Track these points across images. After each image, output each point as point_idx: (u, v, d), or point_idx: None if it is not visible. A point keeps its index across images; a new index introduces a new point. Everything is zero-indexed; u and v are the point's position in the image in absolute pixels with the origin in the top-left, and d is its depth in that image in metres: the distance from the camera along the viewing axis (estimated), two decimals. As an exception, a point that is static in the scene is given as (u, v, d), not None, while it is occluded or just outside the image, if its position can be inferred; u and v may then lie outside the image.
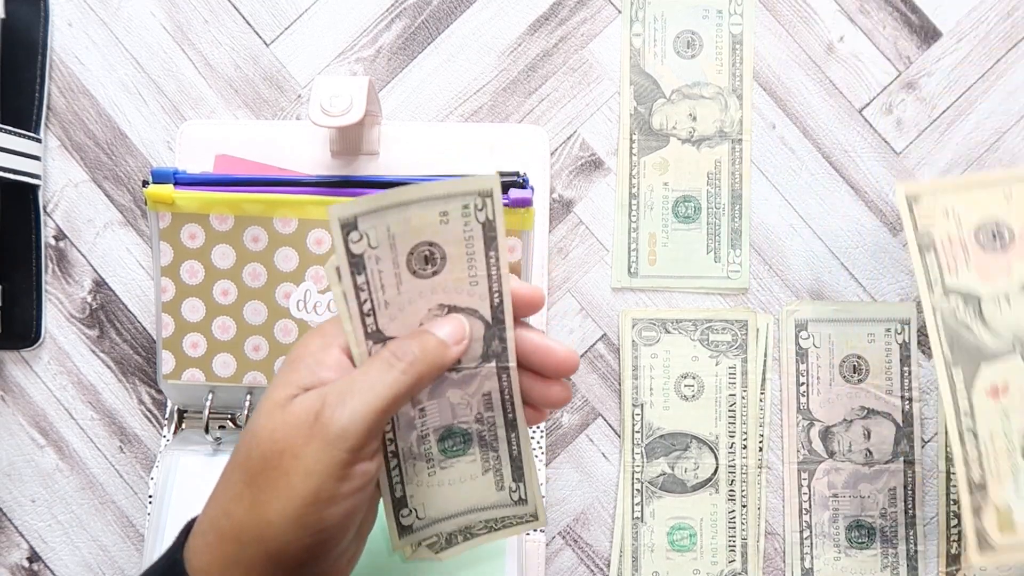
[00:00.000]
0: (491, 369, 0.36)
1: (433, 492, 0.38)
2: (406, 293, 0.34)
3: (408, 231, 0.32)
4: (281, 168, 0.53)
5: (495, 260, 0.34)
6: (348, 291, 0.33)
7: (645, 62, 0.55)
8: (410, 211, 0.32)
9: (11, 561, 0.54)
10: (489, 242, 0.33)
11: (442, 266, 0.33)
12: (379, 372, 0.32)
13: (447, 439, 0.37)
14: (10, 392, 0.55)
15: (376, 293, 0.33)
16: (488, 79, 0.56)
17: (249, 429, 0.33)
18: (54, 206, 0.55)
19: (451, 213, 0.32)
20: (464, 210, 0.32)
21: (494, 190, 0.32)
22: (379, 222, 0.32)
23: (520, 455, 0.37)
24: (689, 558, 0.53)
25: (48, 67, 0.55)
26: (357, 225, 0.32)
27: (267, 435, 0.32)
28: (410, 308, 0.34)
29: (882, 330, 0.54)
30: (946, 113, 0.55)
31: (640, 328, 0.54)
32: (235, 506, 0.32)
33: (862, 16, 0.56)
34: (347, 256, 0.32)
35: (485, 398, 0.36)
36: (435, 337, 0.34)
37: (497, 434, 0.37)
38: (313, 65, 0.56)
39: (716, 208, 0.55)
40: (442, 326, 0.34)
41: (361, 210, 0.31)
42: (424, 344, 0.33)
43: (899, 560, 0.53)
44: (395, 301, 0.34)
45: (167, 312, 0.49)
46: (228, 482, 0.33)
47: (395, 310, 0.34)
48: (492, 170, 0.50)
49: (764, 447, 0.54)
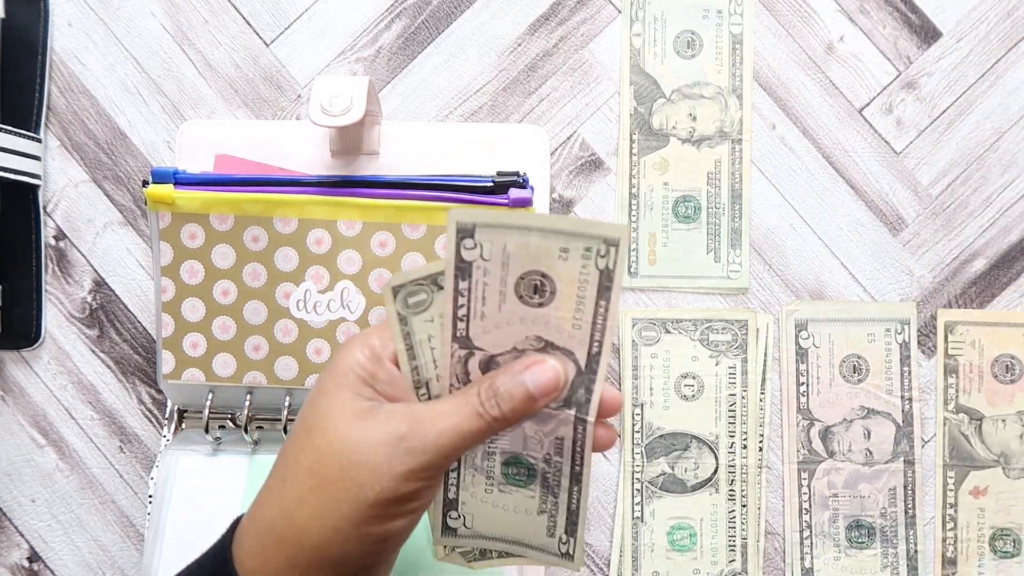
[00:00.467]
0: (569, 417, 0.35)
1: (485, 509, 0.38)
2: (506, 313, 0.33)
3: (524, 256, 0.32)
4: (281, 168, 0.53)
5: (604, 310, 0.32)
6: (447, 294, 0.32)
7: (645, 62, 0.55)
8: (531, 237, 0.31)
9: (11, 561, 0.54)
10: (603, 291, 0.32)
11: (549, 300, 0.33)
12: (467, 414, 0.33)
13: (512, 465, 0.37)
14: (10, 392, 0.55)
15: (475, 303, 0.33)
16: (488, 79, 0.56)
17: (320, 434, 0.33)
18: (54, 206, 0.55)
19: (572, 251, 0.31)
20: (586, 252, 0.31)
21: (621, 241, 0.31)
22: (497, 237, 0.31)
23: (577, 509, 0.36)
24: (689, 558, 0.53)
25: (48, 67, 0.55)
26: (474, 233, 0.31)
27: (348, 446, 0.32)
28: (507, 329, 0.33)
29: (882, 330, 0.54)
30: (946, 113, 0.55)
31: (640, 328, 0.54)
32: (298, 510, 0.32)
33: (862, 16, 0.56)
34: (456, 259, 0.32)
35: (557, 442, 0.36)
36: (527, 390, 0.33)
37: (561, 481, 0.36)
38: (313, 65, 0.56)
39: (716, 208, 0.55)
40: (538, 376, 0.33)
41: (482, 220, 0.31)
42: (514, 394, 0.33)
43: (899, 560, 0.53)
44: (492, 316, 0.33)
45: (167, 312, 0.49)
46: (290, 484, 0.33)
47: (490, 324, 0.33)
48: (492, 170, 0.50)
49: (764, 447, 0.54)
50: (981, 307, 0.55)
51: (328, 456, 0.32)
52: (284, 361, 0.49)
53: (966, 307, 0.55)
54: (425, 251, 0.48)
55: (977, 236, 0.55)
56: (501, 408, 0.33)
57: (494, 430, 0.33)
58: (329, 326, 0.49)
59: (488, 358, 0.34)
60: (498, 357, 0.34)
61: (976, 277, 0.55)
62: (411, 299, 0.33)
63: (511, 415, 0.33)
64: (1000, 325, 0.54)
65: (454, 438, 0.32)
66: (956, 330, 0.54)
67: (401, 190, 0.48)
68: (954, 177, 0.55)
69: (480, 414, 0.33)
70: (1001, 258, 0.55)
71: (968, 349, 0.54)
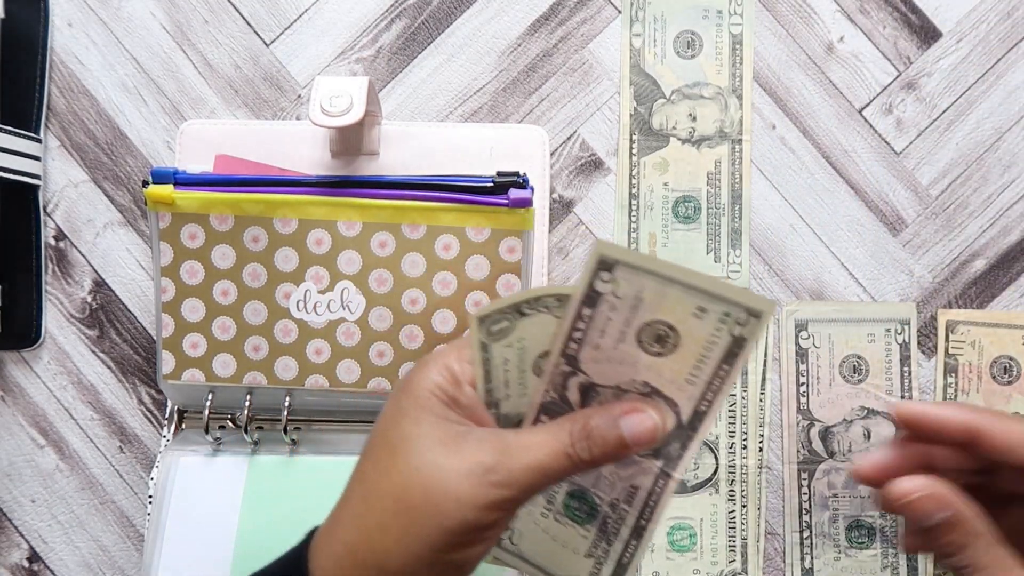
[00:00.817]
0: (653, 467, 0.34)
1: (535, 531, 0.37)
2: (621, 353, 0.32)
3: (658, 305, 0.31)
4: (281, 168, 0.53)
5: (725, 374, 0.31)
6: (568, 316, 0.32)
7: (645, 62, 0.55)
8: (671, 289, 0.30)
9: (11, 561, 0.54)
10: (730, 357, 0.31)
11: (669, 352, 0.32)
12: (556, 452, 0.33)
13: (576, 499, 0.36)
14: (10, 392, 0.55)
15: (592, 332, 0.32)
16: (488, 79, 0.56)
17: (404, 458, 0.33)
18: (54, 206, 0.55)
19: (710, 313, 0.30)
20: (725, 317, 0.30)
21: (765, 315, 0.30)
22: (635, 280, 0.31)
23: (628, 564, 0.36)
24: (689, 558, 0.53)
25: (48, 67, 0.55)
26: (613, 269, 0.31)
27: (433, 472, 0.32)
28: (617, 367, 0.33)
29: (882, 330, 0.54)
30: (946, 113, 0.55)
31: (640, 328, 0.54)
32: (380, 536, 0.32)
33: (862, 16, 0.56)
34: (588, 287, 0.31)
35: (630, 490, 0.35)
36: (622, 438, 0.33)
37: (620, 531, 0.35)
38: (313, 65, 0.56)
39: (716, 208, 0.55)
40: (635, 425, 0.33)
41: (626, 259, 0.30)
42: (607, 439, 0.33)
43: (899, 560, 0.53)
44: (606, 351, 0.32)
45: (167, 312, 0.49)
46: (372, 508, 0.33)
47: (602, 356, 0.33)
48: (492, 170, 0.50)
49: (764, 447, 0.54)
50: (981, 307, 0.55)
51: (413, 482, 0.32)
52: (284, 361, 0.49)
53: (966, 307, 0.55)
54: (425, 251, 0.48)
55: (977, 236, 0.55)
56: (592, 452, 0.33)
57: (579, 470, 0.33)
58: (329, 326, 0.49)
59: (589, 384, 0.34)
60: (599, 387, 0.34)
61: (976, 277, 0.55)
62: (494, 327, 0.33)
63: (600, 459, 0.33)
64: (1000, 326, 0.54)
65: (538, 475, 0.32)
66: (957, 330, 0.54)
67: (401, 190, 0.48)
68: (954, 177, 0.55)
69: (569, 455, 0.33)
70: (1001, 258, 0.55)
71: (968, 349, 0.54)
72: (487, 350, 0.34)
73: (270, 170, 0.53)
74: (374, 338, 0.49)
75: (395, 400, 0.34)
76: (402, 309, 0.49)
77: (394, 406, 0.34)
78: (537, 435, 0.33)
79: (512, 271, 0.48)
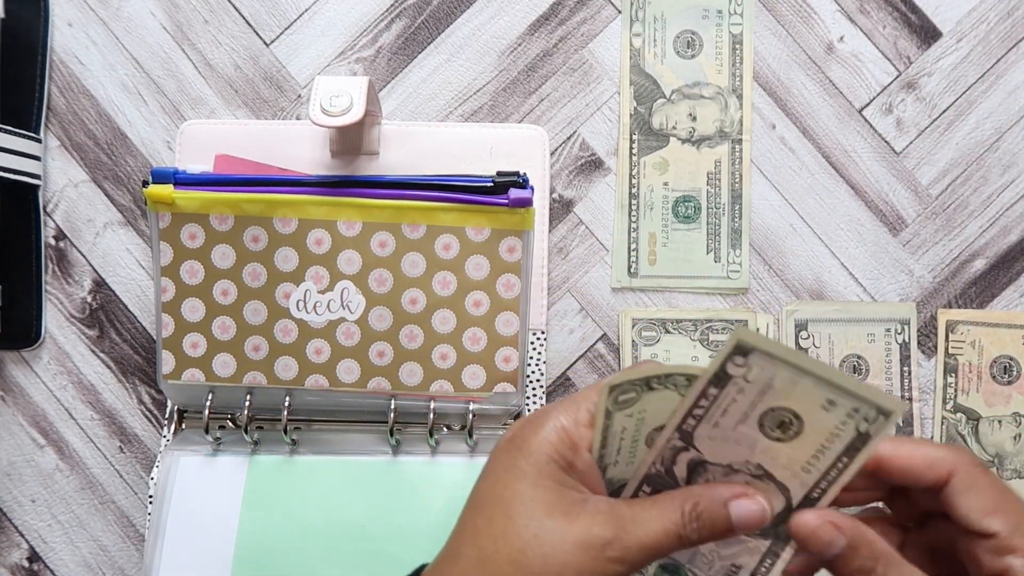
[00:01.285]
0: (760, 546, 0.34)
1: None
2: (739, 434, 0.32)
3: (786, 394, 0.31)
4: (281, 168, 0.53)
5: (843, 466, 0.31)
6: (692, 393, 0.32)
7: (645, 62, 0.55)
8: (804, 380, 0.30)
9: (11, 561, 0.54)
10: (851, 450, 0.31)
11: (790, 440, 0.32)
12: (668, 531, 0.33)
13: (669, 573, 0.36)
14: (10, 392, 0.55)
15: (714, 411, 0.32)
16: (488, 79, 0.56)
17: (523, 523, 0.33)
18: (54, 206, 0.55)
19: (839, 407, 0.30)
20: (853, 412, 0.30)
21: (895, 415, 0.30)
22: (769, 367, 0.30)
23: None
24: (689, 558, 0.53)
25: (48, 67, 0.55)
26: (749, 355, 0.30)
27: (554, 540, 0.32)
28: (733, 447, 0.33)
29: (882, 330, 0.54)
30: (946, 113, 0.55)
31: (640, 328, 0.54)
32: None
33: (862, 16, 0.56)
34: (719, 369, 0.31)
35: (732, 569, 0.35)
36: (729, 521, 0.33)
37: None
38: (313, 65, 0.56)
39: (716, 208, 0.55)
40: (743, 510, 0.33)
41: (764, 347, 0.30)
42: (715, 521, 0.33)
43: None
44: (724, 430, 0.33)
45: (167, 312, 0.49)
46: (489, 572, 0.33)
47: (718, 435, 0.33)
48: (492, 170, 0.50)
49: (764, 447, 0.54)
50: (981, 307, 0.55)
51: (532, 550, 0.32)
52: (284, 361, 0.49)
53: (966, 307, 0.55)
54: (425, 251, 0.48)
55: (977, 236, 0.55)
56: (700, 533, 0.33)
57: (685, 547, 0.33)
58: (329, 326, 0.49)
59: (700, 461, 0.34)
60: (709, 465, 0.34)
61: (976, 277, 0.55)
62: (621, 397, 0.33)
63: (706, 538, 0.33)
64: (1000, 326, 0.54)
65: (651, 553, 0.33)
66: (957, 329, 0.54)
67: (401, 190, 0.48)
68: (954, 177, 0.55)
69: (680, 536, 0.33)
70: (1001, 258, 0.55)
71: (968, 349, 0.54)
72: (610, 417, 0.33)
73: (270, 170, 0.53)
74: (374, 338, 0.49)
75: (509, 458, 0.34)
76: (402, 309, 0.49)
77: (507, 464, 0.34)
78: (649, 511, 0.33)
79: (512, 271, 0.48)
